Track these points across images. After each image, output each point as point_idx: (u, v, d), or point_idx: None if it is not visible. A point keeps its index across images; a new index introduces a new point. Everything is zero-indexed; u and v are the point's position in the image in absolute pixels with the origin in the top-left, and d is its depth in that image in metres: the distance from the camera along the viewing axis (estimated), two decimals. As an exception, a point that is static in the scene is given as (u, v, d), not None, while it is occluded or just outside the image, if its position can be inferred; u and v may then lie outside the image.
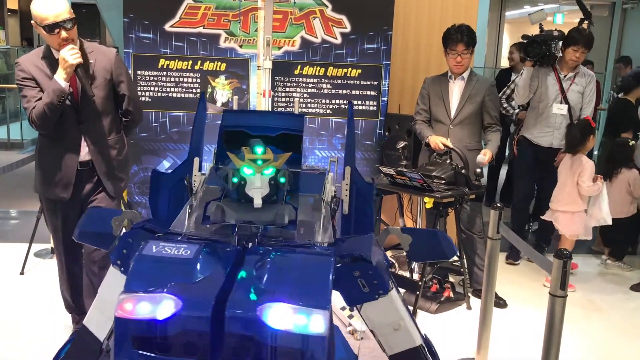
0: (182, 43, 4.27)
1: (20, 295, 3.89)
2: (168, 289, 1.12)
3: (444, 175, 3.77)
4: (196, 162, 1.95)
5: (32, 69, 2.81)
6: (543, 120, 4.45)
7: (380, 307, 1.40)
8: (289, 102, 4.42)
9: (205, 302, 1.10)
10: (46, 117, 2.73)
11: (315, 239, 1.51)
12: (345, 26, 4.35)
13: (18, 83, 2.83)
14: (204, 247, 1.27)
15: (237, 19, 4.26)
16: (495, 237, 3.04)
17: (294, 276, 1.17)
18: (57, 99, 2.71)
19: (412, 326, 1.55)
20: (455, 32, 3.91)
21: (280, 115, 1.70)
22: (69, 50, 2.70)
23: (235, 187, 1.38)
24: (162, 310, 1.11)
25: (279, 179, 1.40)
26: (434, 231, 1.75)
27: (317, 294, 1.12)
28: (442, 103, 4.04)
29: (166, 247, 1.25)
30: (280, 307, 1.08)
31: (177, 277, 1.16)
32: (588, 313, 3.99)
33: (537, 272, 4.46)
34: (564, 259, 2.28)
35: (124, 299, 1.15)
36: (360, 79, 4.44)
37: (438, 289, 3.97)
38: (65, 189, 2.91)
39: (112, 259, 1.54)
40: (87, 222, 1.65)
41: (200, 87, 4.32)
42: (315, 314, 1.08)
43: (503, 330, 3.57)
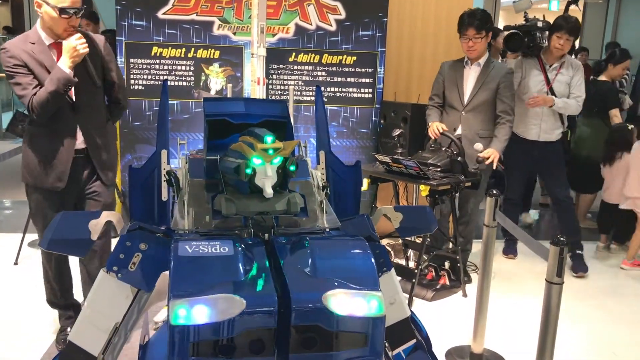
0: (175, 30, 4.22)
1: (14, 286, 3.87)
2: (224, 289, 1.08)
3: (439, 162, 3.75)
4: (164, 155, 1.88)
5: (22, 54, 2.71)
6: (529, 112, 4.26)
7: (383, 283, 1.41)
8: (284, 89, 4.39)
9: (268, 296, 1.09)
10: (48, 105, 2.67)
11: (322, 224, 1.51)
12: (340, 13, 4.31)
13: (8, 70, 2.71)
14: (235, 242, 1.25)
15: (230, 5, 4.21)
16: (492, 225, 3.03)
17: (342, 263, 1.20)
18: (64, 87, 2.66)
19: (404, 300, 1.65)
20: (467, 17, 3.87)
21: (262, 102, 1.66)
22: (78, 39, 2.67)
23: (247, 179, 1.36)
24: (225, 311, 1.08)
25: (289, 167, 1.39)
26: (422, 207, 1.84)
27: (368, 276, 1.16)
28: (456, 89, 4.00)
29: (200, 246, 1.21)
30: (341, 293, 1.10)
31: (225, 275, 1.13)
32: (584, 299, 4.00)
33: (533, 260, 4.46)
34: (561, 246, 2.27)
35: (176, 304, 1.08)
36: (355, 66, 4.41)
37: (434, 276, 3.97)
38: (60, 178, 2.84)
39: (107, 265, 1.47)
40: (58, 228, 1.52)
41: (193, 75, 4.28)
42: (372, 296, 1.13)
43: (499, 317, 3.58)
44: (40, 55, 2.72)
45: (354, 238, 1.34)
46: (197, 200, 1.54)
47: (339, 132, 4.49)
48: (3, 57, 2.73)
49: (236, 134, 1.55)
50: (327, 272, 1.16)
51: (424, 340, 1.71)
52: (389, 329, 1.52)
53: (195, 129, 4.35)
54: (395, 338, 1.60)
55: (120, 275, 1.46)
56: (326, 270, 1.16)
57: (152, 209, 1.83)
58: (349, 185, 1.85)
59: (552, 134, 4.30)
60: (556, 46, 4.16)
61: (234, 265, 1.16)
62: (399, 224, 1.66)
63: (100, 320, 1.48)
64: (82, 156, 2.90)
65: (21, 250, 4.26)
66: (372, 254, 1.25)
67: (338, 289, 1.12)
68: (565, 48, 4.18)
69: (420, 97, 4.49)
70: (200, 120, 4.20)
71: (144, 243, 1.46)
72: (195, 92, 4.31)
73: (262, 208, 1.38)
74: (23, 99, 2.72)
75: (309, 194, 1.56)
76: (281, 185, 1.44)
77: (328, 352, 1.10)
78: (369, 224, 1.52)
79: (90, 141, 2.90)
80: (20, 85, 2.71)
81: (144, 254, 1.45)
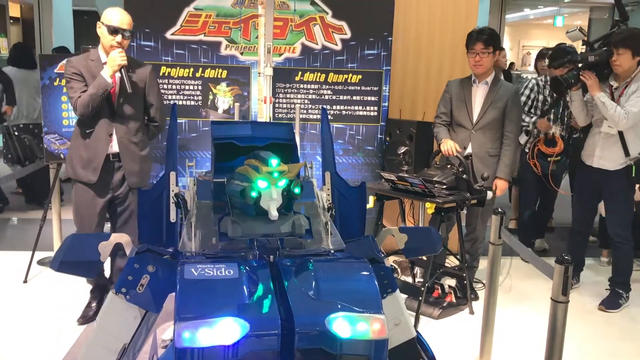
0: (183, 51, 4.29)
1: (23, 304, 3.89)
2: (228, 311, 1.09)
3: (445, 180, 3.77)
4: (173, 177, 1.91)
5: (81, 66, 3.30)
6: (590, 137, 4.06)
7: (386, 304, 1.42)
8: (290, 108, 4.43)
9: (272, 319, 1.10)
10: (88, 105, 3.21)
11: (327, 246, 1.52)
12: (346, 32, 4.36)
13: (67, 76, 3.31)
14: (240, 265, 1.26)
15: (237, 26, 4.28)
16: (497, 243, 3.04)
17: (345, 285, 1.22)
18: (102, 91, 3.21)
19: (410, 321, 1.64)
20: (475, 33, 3.93)
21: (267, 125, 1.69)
22: (119, 52, 3.23)
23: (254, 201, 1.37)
24: (229, 333, 1.09)
25: (294, 190, 1.41)
26: (427, 228, 1.84)
27: (371, 299, 1.17)
28: (464, 107, 4.03)
29: (206, 269, 1.22)
30: (343, 317, 1.11)
31: (230, 298, 1.14)
32: (590, 315, 3.99)
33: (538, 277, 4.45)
34: (566, 264, 2.28)
35: (182, 327, 1.10)
36: (360, 84, 4.46)
37: (440, 294, 3.97)
38: (94, 172, 3.34)
39: (116, 287, 1.50)
40: (69, 250, 1.56)
41: (201, 95, 4.34)
42: (375, 320, 1.14)
43: (506, 334, 3.57)
44: (95, 70, 3.29)
45: (358, 260, 1.35)
46: (205, 222, 1.56)
47: (345, 149, 4.52)
48: (66, 66, 3.35)
49: (243, 156, 1.57)
50: (331, 295, 1.18)
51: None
52: (394, 350, 1.52)
53: (203, 147, 4.39)
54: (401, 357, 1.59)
55: (129, 296, 1.48)
56: (330, 293, 1.18)
57: (161, 230, 1.85)
58: (355, 206, 1.86)
59: (609, 162, 3.97)
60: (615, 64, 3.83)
61: (238, 288, 1.17)
62: (404, 245, 1.68)
63: (109, 341, 1.50)
64: (116, 160, 3.40)
65: (30, 268, 4.29)
66: (375, 277, 1.27)
67: (341, 312, 1.14)
68: (624, 64, 3.81)
69: (426, 114, 4.53)
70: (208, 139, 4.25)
71: (151, 265, 1.48)
72: (203, 111, 4.36)
73: (267, 230, 1.40)
74: (71, 100, 3.30)
75: (314, 216, 1.57)
76: (286, 207, 1.45)
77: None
78: (373, 245, 1.54)
79: (123, 147, 3.38)
80: (72, 89, 3.29)
81: (152, 275, 1.47)
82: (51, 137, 4.27)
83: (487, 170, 3.83)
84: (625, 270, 4.15)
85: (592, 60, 3.86)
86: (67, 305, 3.87)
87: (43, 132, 4.29)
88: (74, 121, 4.30)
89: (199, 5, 4.25)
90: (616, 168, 3.95)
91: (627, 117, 3.77)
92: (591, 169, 4.07)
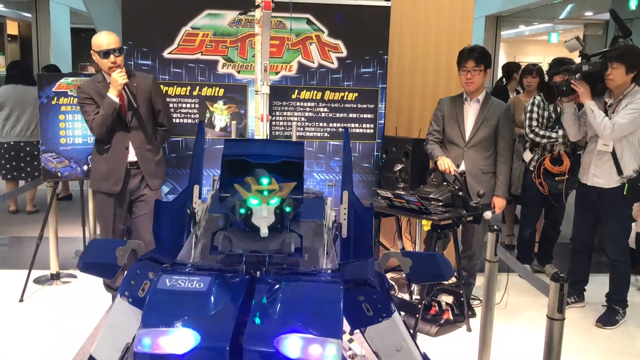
0: (181, 69, 4.32)
1: (19, 323, 3.88)
2: (185, 323, 1.15)
3: (441, 197, 3.79)
4: (196, 190, 1.99)
5: (90, 90, 3.61)
6: (585, 155, 4.07)
7: (384, 329, 1.44)
8: (287, 126, 4.46)
9: (223, 334, 1.12)
10: (102, 125, 3.55)
11: (320, 265, 1.54)
12: (342, 51, 4.40)
13: (80, 102, 3.64)
14: (215, 279, 1.30)
15: (234, 45, 4.31)
16: (493, 260, 3.05)
17: (306, 306, 1.21)
18: (111, 111, 3.53)
19: (413, 346, 1.60)
20: (467, 51, 3.97)
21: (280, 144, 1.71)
22: (119, 73, 3.51)
23: (242, 218, 1.41)
24: (181, 344, 1.14)
25: (285, 208, 1.44)
26: (432, 254, 1.80)
27: (330, 323, 1.17)
28: (456, 125, 4.05)
29: (179, 281, 1.28)
30: (296, 337, 1.12)
31: (193, 310, 1.19)
32: (588, 331, 3.98)
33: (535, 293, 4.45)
34: (561, 282, 2.29)
35: (142, 333, 1.16)
36: (357, 102, 4.49)
37: (437, 311, 3.97)
38: (116, 183, 3.66)
39: (120, 290, 1.57)
40: (91, 253, 1.68)
41: (198, 113, 4.36)
42: (329, 344, 1.13)
43: (503, 352, 3.57)
44: (103, 91, 3.59)
45: (332, 282, 1.35)
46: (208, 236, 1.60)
47: (341, 167, 4.54)
48: (77, 92, 3.69)
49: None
50: (290, 314, 1.18)
51: None
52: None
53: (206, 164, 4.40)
54: None
55: (131, 300, 1.54)
56: (290, 313, 1.19)
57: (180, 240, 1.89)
58: (367, 225, 1.90)
59: (604, 180, 3.96)
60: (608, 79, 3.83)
61: (202, 302, 1.21)
62: (409, 270, 1.64)
63: (115, 339, 1.58)
64: (134, 167, 3.70)
65: (27, 287, 4.28)
66: (341, 300, 1.24)
67: (296, 333, 1.14)
68: (617, 79, 3.80)
69: (421, 132, 4.56)
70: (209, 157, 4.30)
71: (152, 272, 1.53)
72: (200, 129, 4.38)
73: (255, 247, 1.43)
74: (87, 122, 3.64)
75: (317, 234, 1.59)
76: (281, 224, 1.47)
77: None
78: (369, 268, 1.49)
79: (140, 155, 3.70)
80: (86, 112, 3.62)
81: (152, 282, 1.50)
82: (48, 156, 4.29)
83: (480, 188, 3.85)
84: (622, 287, 4.15)
85: (586, 70, 3.88)
86: (63, 324, 3.85)
87: (40, 150, 4.30)
88: (71, 139, 4.34)
89: (196, 25, 4.29)
90: (611, 186, 3.95)
91: (613, 128, 3.78)
92: (587, 187, 4.09)
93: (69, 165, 4.36)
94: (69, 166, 4.36)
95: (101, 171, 3.69)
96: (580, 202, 4.25)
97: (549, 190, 4.68)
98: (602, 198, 4.02)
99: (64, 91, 4.30)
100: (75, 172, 4.39)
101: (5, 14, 13.86)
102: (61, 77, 4.37)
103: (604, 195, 3.99)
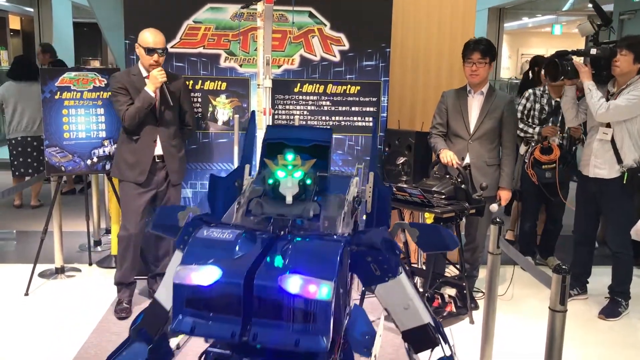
0: (183, 63, 4.32)
1: (25, 317, 3.91)
2: (212, 262, 1.43)
3: (443, 190, 3.79)
4: (247, 168, 2.25)
5: (125, 81, 3.75)
6: (587, 146, 4.08)
7: (390, 288, 1.67)
8: (289, 119, 4.46)
9: (240, 272, 1.40)
10: (135, 117, 3.69)
11: (336, 230, 1.78)
12: (344, 44, 4.40)
13: (113, 91, 3.75)
14: (244, 233, 1.58)
15: (236, 38, 4.31)
16: (496, 252, 3.06)
17: (309, 256, 1.47)
18: (147, 105, 3.69)
19: (421, 307, 1.80)
20: (473, 43, 3.97)
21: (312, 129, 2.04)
22: (160, 71, 3.70)
23: (271, 187, 1.68)
24: (207, 278, 1.41)
25: (306, 181, 1.69)
26: (436, 226, 2.00)
27: (326, 269, 1.42)
28: (461, 117, 4.06)
29: (214, 232, 1.58)
30: (297, 277, 1.38)
31: (220, 254, 1.47)
32: (591, 322, 3.99)
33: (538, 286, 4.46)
34: (563, 274, 2.30)
35: (180, 269, 1.46)
36: (359, 95, 4.48)
37: (440, 303, 3.98)
38: (142, 173, 3.79)
39: (177, 243, 1.80)
40: (159, 217, 1.98)
41: (201, 107, 4.37)
42: (323, 284, 1.37)
43: (506, 344, 3.58)
44: (138, 84, 3.74)
45: (334, 240, 1.59)
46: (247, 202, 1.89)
47: (344, 160, 4.55)
48: (112, 80, 3.81)
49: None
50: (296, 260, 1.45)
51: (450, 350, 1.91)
52: (408, 333, 1.78)
53: (203, 158, 4.42)
54: (415, 341, 1.82)
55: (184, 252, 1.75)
56: (295, 259, 1.45)
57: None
58: (386, 201, 2.17)
59: (605, 170, 3.98)
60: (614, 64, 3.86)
61: (230, 248, 1.50)
62: (416, 239, 1.85)
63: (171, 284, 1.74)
64: (159, 162, 3.85)
65: (32, 281, 4.31)
66: (338, 253, 1.48)
67: (297, 274, 1.40)
68: (623, 67, 3.84)
69: (424, 125, 4.56)
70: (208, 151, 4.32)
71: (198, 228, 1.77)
72: (203, 123, 4.39)
73: (281, 211, 1.70)
74: (119, 112, 3.75)
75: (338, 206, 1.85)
76: (305, 194, 1.72)
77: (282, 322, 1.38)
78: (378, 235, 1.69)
79: (166, 150, 3.86)
80: (119, 102, 3.73)
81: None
82: (52, 150, 4.30)
83: (485, 180, 3.85)
84: (625, 279, 4.16)
85: (594, 53, 3.89)
86: (69, 317, 3.88)
87: (44, 145, 4.32)
88: (74, 134, 4.35)
89: (198, 19, 4.29)
90: (612, 176, 3.96)
91: (608, 108, 3.79)
92: (588, 179, 4.09)
93: (73, 159, 4.37)
94: (72, 160, 4.37)
95: (128, 161, 3.81)
96: (581, 194, 4.26)
97: (538, 179, 4.72)
98: (603, 189, 4.03)
99: (67, 86, 4.31)
100: (79, 166, 4.41)
101: (7, 8, 13.87)
102: (64, 71, 4.38)
103: (605, 186, 4.00)
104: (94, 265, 4.91)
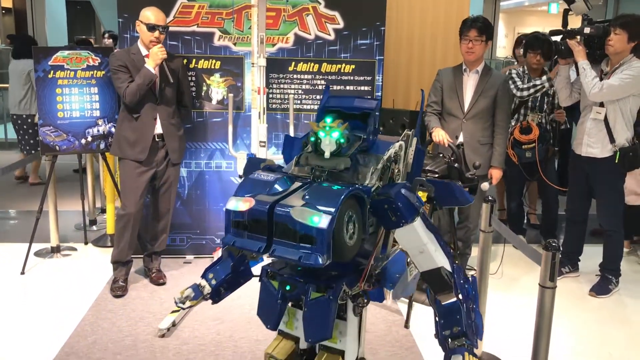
0: (177, 42, 4.30)
1: (21, 296, 3.94)
2: (252, 195, 1.80)
3: (437, 169, 3.81)
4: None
5: (125, 59, 3.76)
6: (580, 125, 4.06)
7: (407, 232, 1.90)
8: (284, 98, 4.46)
9: (267, 202, 1.74)
10: (136, 94, 3.71)
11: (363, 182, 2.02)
12: (339, 22, 4.38)
13: (113, 68, 3.77)
14: (284, 177, 1.91)
15: (230, 17, 4.29)
16: (488, 230, 3.09)
17: (321, 194, 1.77)
18: (147, 81, 3.71)
19: (436, 252, 2.00)
20: (470, 20, 3.96)
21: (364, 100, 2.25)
22: (160, 48, 3.73)
23: (314, 144, 1.97)
24: (245, 205, 1.77)
25: (341, 140, 1.94)
26: (448, 182, 2.28)
27: (330, 204, 1.70)
28: (455, 96, 4.05)
29: (262, 175, 1.92)
30: (304, 209, 1.70)
31: (260, 190, 1.83)
32: (580, 300, 4.05)
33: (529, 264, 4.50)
34: (552, 251, 2.33)
35: (231, 199, 1.81)
36: (354, 74, 4.48)
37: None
38: (142, 151, 3.83)
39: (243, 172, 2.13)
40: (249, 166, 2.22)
41: (195, 86, 4.36)
42: (324, 215, 1.67)
43: (497, 321, 3.63)
44: (137, 62, 3.77)
45: (349, 186, 1.85)
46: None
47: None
48: (112, 59, 3.83)
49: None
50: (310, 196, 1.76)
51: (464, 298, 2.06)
52: (425, 274, 2.01)
53: (197, 137, 4.42)
54: (431, 282, 2.03)
55: None
56: (309, 197, 1.75)
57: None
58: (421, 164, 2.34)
59: (597, 149, 4.00)
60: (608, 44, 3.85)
61: (269, 185, 1.85)
62: (433, 194, 2.08)
63: None
64: (159, 140, 3.88)
65: (28, 259, 4.33)
66: (344, 194, 1.74)
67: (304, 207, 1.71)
68: (615, 44, 3.84)
69: (418, 104, 4.56)
70: (202, 130, 4.32)
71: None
72: (197, 102, 4.39)
73: (318, 163, 1.97)
74: (119, 90, 3.77)
75: (374, 163, 2.07)
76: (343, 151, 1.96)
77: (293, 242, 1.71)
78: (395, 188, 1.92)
79: (165, 128, 3.88)
80: (119, 79, 3.75)
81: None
82: (46, 130, 4.30)
83: (478, 159, 3.87)
84: (615, 257, 4.21)
85: (587, 32, 3.89)
86: (65, 296, 3.91)
87: (38, 124, 4.31)
88: (68, 113, 4.34)
89: (192, -4, 4.26)
90: (604, 155, 3.99)
91: (602, 88, 3.80)
92: (581, 158, 4.12)
93: (67, 139, 4.37)
94: (67, 140, 4.37)
95: (128, 139, 3.82)
96: (574, 173, 4.29)
97: (519, 160, 4.76)
98: (595, 168, 4.05)
99: (60, 64, 4.30)
100: (73, 145, 4.40)
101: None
102: (57, 50, 4.36)
103: (597, 165, 4.03)
104: (90, 244, 4.93)
